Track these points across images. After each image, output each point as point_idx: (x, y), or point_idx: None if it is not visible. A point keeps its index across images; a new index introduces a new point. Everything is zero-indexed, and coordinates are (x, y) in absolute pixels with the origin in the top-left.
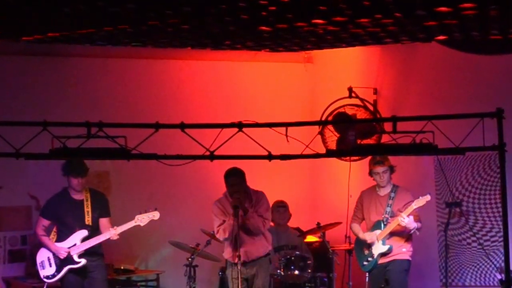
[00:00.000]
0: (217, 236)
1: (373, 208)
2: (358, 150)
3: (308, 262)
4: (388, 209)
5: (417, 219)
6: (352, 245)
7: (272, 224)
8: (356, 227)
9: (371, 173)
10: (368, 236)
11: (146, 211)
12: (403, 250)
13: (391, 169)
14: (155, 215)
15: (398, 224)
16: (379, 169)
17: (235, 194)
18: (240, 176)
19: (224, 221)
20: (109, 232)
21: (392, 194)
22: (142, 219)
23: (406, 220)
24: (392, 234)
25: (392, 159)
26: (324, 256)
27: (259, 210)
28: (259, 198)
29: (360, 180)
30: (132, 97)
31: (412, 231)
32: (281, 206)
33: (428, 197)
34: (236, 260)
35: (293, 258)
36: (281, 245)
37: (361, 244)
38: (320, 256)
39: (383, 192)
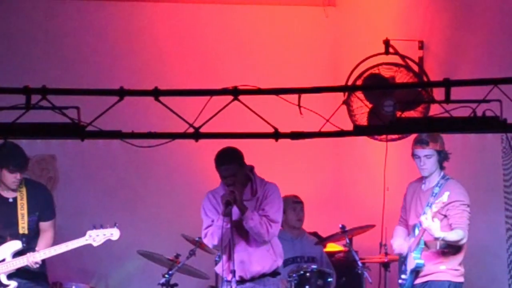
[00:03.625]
0: (204, 241)
1: (413, 207)
2: (398, 126)
3: (329, 279)
4: (428, 209)
5: (451, 227)
6: (389, 257)
7: (281, 227)
8: (398, 232)
9: (413, 156)
10: (395, 244)
11: (102, 226)
12: (440, 268)
13: (441, 155)
14: (114, 233)
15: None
16: (420, 151)
17: (229, 187)
18: (235, 162)
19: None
20: (26, 257)
21: (436, 189)
22: (96, 237)
23: (427, 224)
24: (425, 244)
25: (446, 138)
26: (351, 271)
27: (265, 209)
28: (268, 193)
29: (401, 168)
30: (88, 54)
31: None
32: (297, 202)
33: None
34: (230, 277)
35: (308, 274)
36: (293, 256)
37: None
38: (345, 271)
39: (428, 185)
